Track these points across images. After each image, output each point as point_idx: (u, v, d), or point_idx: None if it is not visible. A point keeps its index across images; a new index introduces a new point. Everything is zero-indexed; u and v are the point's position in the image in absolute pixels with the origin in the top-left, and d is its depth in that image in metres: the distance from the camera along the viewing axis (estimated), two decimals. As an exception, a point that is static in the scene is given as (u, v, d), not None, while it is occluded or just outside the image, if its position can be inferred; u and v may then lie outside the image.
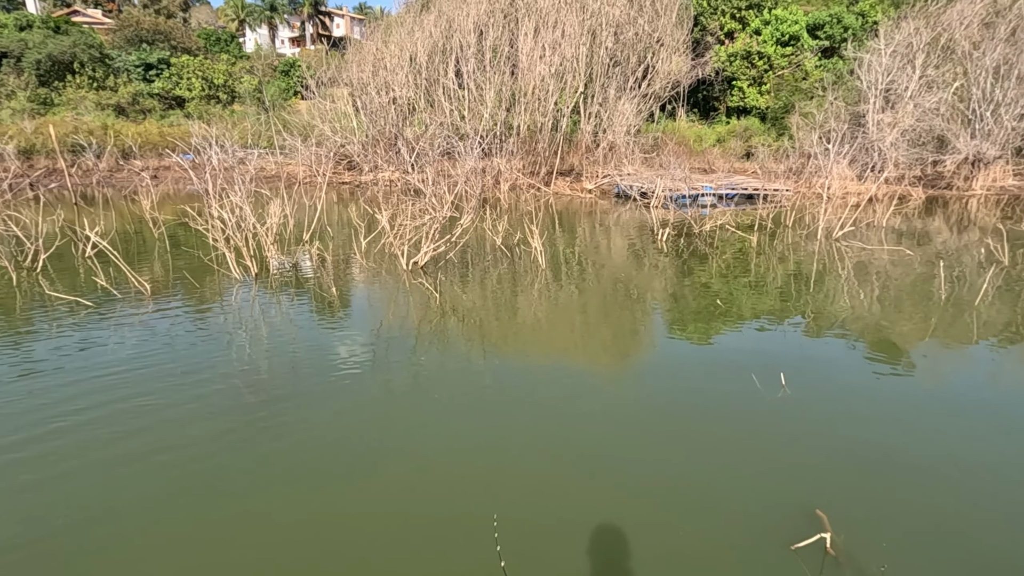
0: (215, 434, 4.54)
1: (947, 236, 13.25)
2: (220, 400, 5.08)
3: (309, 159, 21.20)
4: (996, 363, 6.15)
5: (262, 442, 4.44)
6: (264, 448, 4.36)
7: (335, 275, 9.46)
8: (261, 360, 6.06)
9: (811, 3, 35.37)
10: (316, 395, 5.23)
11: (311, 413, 4.89)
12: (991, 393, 5.39)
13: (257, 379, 5.56)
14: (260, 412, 4.89)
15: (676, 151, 24.04)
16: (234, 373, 5.68)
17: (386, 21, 27.03)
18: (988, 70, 20.38)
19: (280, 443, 4.43)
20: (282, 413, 4.88)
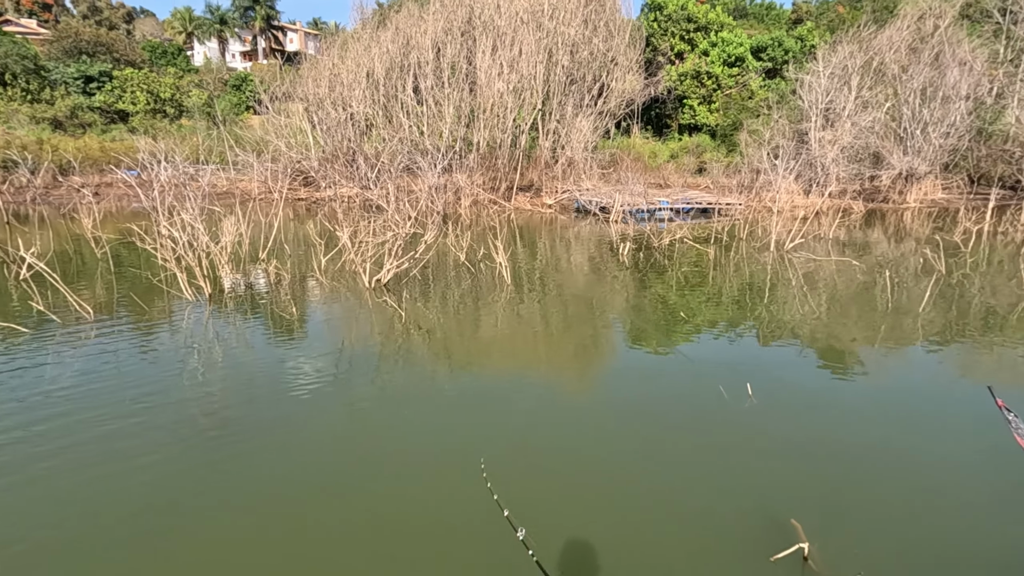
0: (168, 463, 4.27)
1: (887, 247, 14.01)
2: (173, 428, 4.80)
3: (264, 175, 20.65)
4: (942, 364, 6.48)
5: (219, 469, 4.21)
6: (221, 475, 4.13)
7: (293, 294, 9.17)
8: (216, 384, 5.77)
9: (754, 27, 37.22)
10: (276, 418, 5.01)
11: (271, 437, 4.68)
12: (941, 393, 5.66)
13: (213, 404, 5.28)
14: (217, 438, 4.65)
15: (632, 167, 24.64)
16: (188, 398, 5.38)
17: (342, 37, 26.80)
18: (916, 91, 21.85)
19: (238, 469, 4.20)
20: (240, 438, 4.65)
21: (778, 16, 39.68)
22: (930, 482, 4.01)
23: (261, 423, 4.94)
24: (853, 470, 4.17)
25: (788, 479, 4.07)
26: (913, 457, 4.37)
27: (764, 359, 6.62)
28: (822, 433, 4.75)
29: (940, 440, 4.63)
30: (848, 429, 4.83)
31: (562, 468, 4.27)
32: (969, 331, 7.48)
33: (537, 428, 4.90)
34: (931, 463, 4.27)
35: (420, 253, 9.53)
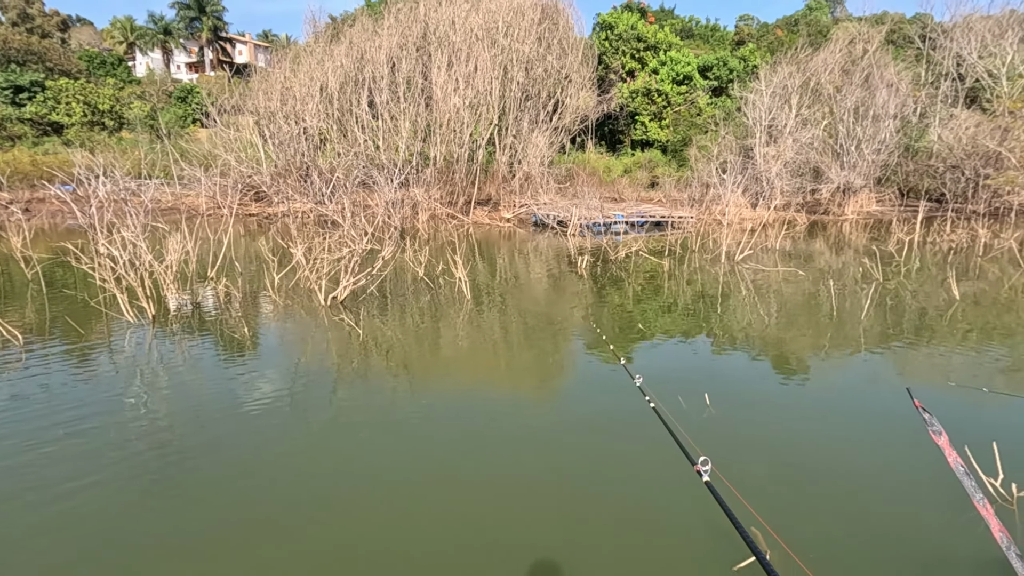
0: (102, 496, 3.99)
1: (829, 257, 14.72)
2: (110, 457, 4.50)
3: (213, 190, 19.94)
4: (881, 367, 6.80)
5: (159, 501, 3.96)
6: (162, 508, 3.89)
7: (245, 313, 8.83)
8: (160, 410, 5.46)
9: (700, 47, 38.82)
10: (224, 445, 4.77)
11: (218, 466, 4.44)
12: (881, 395, 5.93)
13: (155, 431, 4.99)
14: (158, 468, 4.38)
15: (588, 181, 25.12)
16: (128, 425, 5.07)
17: (294, 50, 26.36)
18: (849, 110, 23.23)
19: (181, 502, 3.96)
20: (184, 468, 4.39)
21: (722, 37, 41.53)
22: (884, 489, 4.17)
23: (208, 450, 4.69)
24: (806, 476, 4.31)
25: (747, 487, 4.16)
26: (858, 459, 4.55)
27: (720, 368, 6.80)
28: (776, 440, 4.89)
29: (883, 441, 4.84)
30: (800, 435, 5.00)
31: (525, 484, 4.23)
32: (904, 336, 7.91)
33: (499, 445, 4.85)
34: (874, 464, 4.46)
35: (377, 269, 9.37)
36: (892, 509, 3.88)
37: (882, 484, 4.20)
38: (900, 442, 4.80)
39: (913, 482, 4.20)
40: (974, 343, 7.57)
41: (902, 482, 4.22)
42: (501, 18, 24.03)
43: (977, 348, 7.38)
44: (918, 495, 4.03)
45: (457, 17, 24.18)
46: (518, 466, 4.50)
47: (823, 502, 3.96)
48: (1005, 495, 3.69)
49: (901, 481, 4.23)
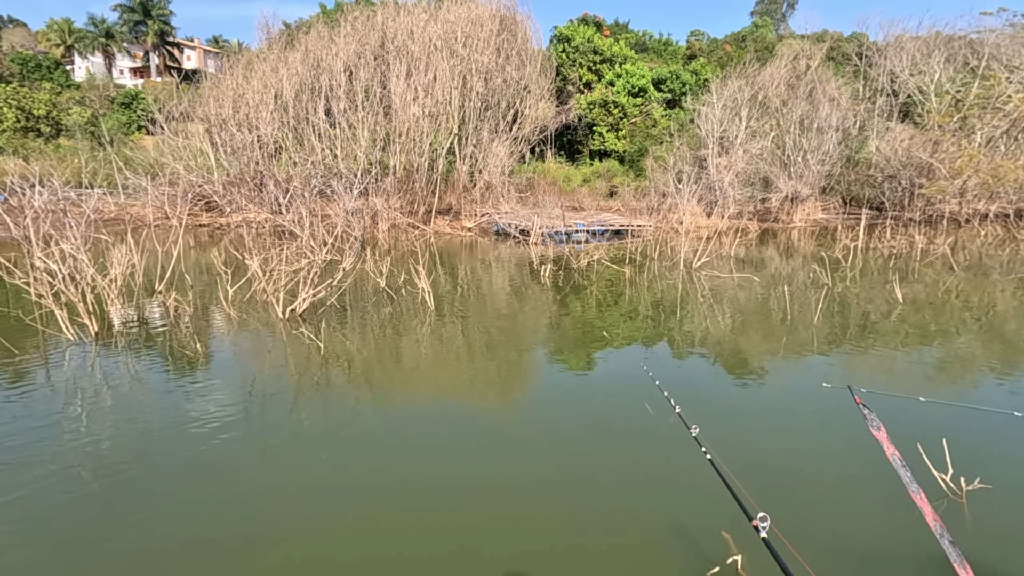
0: (42, 530, 3.70)
1: (781, 263, 15.29)
2: (53, 492, 4.18)
3: (160, 200, 19.10)
4: (832, 368, 7.07)
5: (113, 537, 3.70)
6: (107, 541, 3.63)
7: (196, 328, 8.44)
8: (104, 433, 5.13)
9: (654, 61, 39.94)
10: (175, 470, 4.51)
11: (169, 493, 4.19)
12: (832, 395, 6.15)
13: (99, 457, 4.68)
14: (103, 498, 4.10)
15: (548, 190, 25.35)
16: (68, 451, 4.74)
17: (247, 56, 25.67)
18: (795, 123, 24.30)
19: (128, 534, 3.72)
20: (131, 496, 4.13)
21: (675, 52, 42.83)
22: (852, 488, 4.30)
23: (157, 476, 4.43)
24: (770, 476, 4.41)
25: (715, 491, 4.22)
26: (830, 461, 4.68)
27: (683, 373, 6.92)
28: (741, 441, 4.99)
29: (850, 445, 5.01)
30: (761, 437, 5.12)
31: (494, 496, 4.17)
32: (853, 337, 8.26)
33: (466, 457, 4.77)
34: (819, 458, 4.61)
35: (338, 281, 9.14)
36: (834, 500, 4.01)
37: (825, 477, 4.35)
38: (846, 438, 4.96)
39: (856, 475, 4.35)
40: (916, 343, 7.98)
41: (845, 475, 4.38)
42: (460, 28, 24.09)
43: (918, 348, 7.78)
44: (860, 487, 4.19)
45: (415, 27, 24.10)
46: (486, 478, 4.44)
47: (770, 494, 4.06)
48: (955, 489, 3.86)
49: (844, 474, 4.39)
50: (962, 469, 3.92)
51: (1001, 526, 3.64)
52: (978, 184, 22.07)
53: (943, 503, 3.76)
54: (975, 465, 4.04)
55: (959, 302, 10.57)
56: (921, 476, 3.92)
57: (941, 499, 3.80)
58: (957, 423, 5.22)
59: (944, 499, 3.81)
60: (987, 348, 7.80)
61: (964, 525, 3.58)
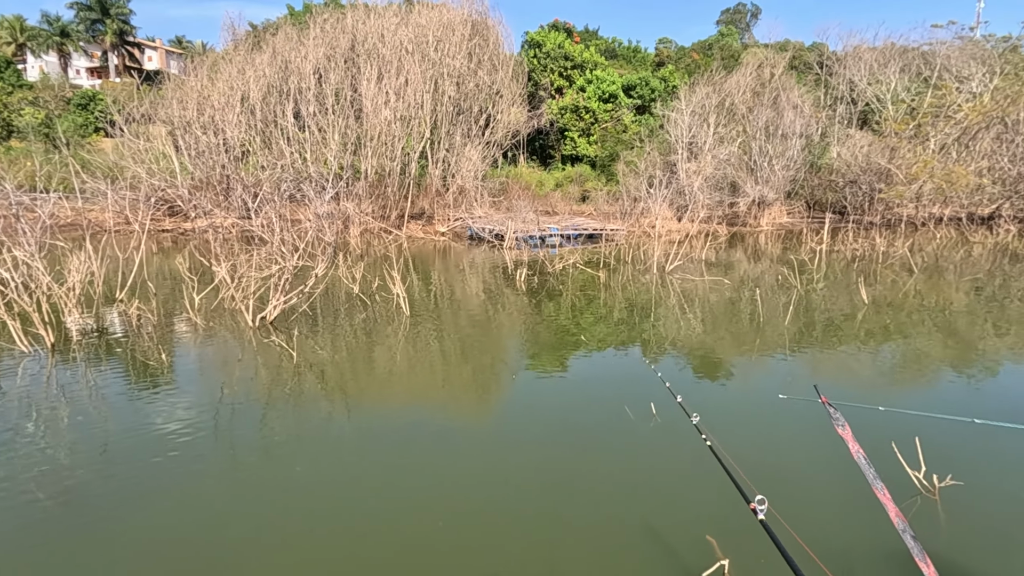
0: (4, 561, 3.47)
1: (750, 266, 15.61)
2: (4, 513, 3.94)
3: (121, 204, 18.40)
4: (800, 368, 7.23)
5: (69, 561, 3.50)
6: (71, 569, 3.43)
7: (161, 338, 8.13)
8: (61, 451, 4.87)
9: (623, 67, 40.49)
10: (139, 489, 4.30)
11: (132, 513, 3.99)
12: (807, 394, 6.28)
13: (60, 479, 4.43)
14: (61, 519, 3.88)
15: (521, 195, 25.39)
16: (22, 471, 4.48)
17: (212, 57, 25.02)
18: (761, 129, 24.93)
19: (92, 559, 3.52)
20: (92, 518, 3.91)
21: (643, 59, 43.49)
22: (783, 472, 4.37)
23: (118, 495, 4.21)
24: (749, 477, 4.45)
25: (698, 494, 4.25)
26: (806, 464, 4.76)
27: (662, 376, 6.96)
28: (721, 444, 5.03)
29: (820, 445, 5.10)
30: (741, 439, 5.17)
31: (474, 504, 4.10)
32: (822, 338, 8.47)
33: (445, 466, 4.68)
34: (799, 459, 4.68)
35: (310, 287, 8.94)
36: (802, 496, 4.09)
37: (793, 474, 4.43)
38: (815, 436, 5.06)
39: (823, 472, 4.44)
40: (880, 343, 8.22)
41: (813, 472, 4.46)
42: (431, 33, 23.98)
43: (882, 348, 8.02)
44: (826, 484, 4.28)
45: (386, 30, 23.90)
46: (466, 486, 4.36)
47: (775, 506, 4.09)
48: (928, 486, 3.96)
49: (812, 471, 4.48)
50: (934, 466, 4.03)
51: (972, 521, 3.75)
52: (933, 189, 23.00)
53: (917, 500, 3.86)
54: (946, 462, 4.16)
55: (918, 303, 10.95)
56: (896, 474, 4.01)
57: (915, 496, 3.89)
58: (927, 419, 5.36)
59: (918, 496, 3.90)
60: (946, 348, 8.09)
61: (937, 521, 3.67)
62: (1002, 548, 3.49)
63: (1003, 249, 18.57)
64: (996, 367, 7.17)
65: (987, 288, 12.31)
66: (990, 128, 23.88)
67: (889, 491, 3.90)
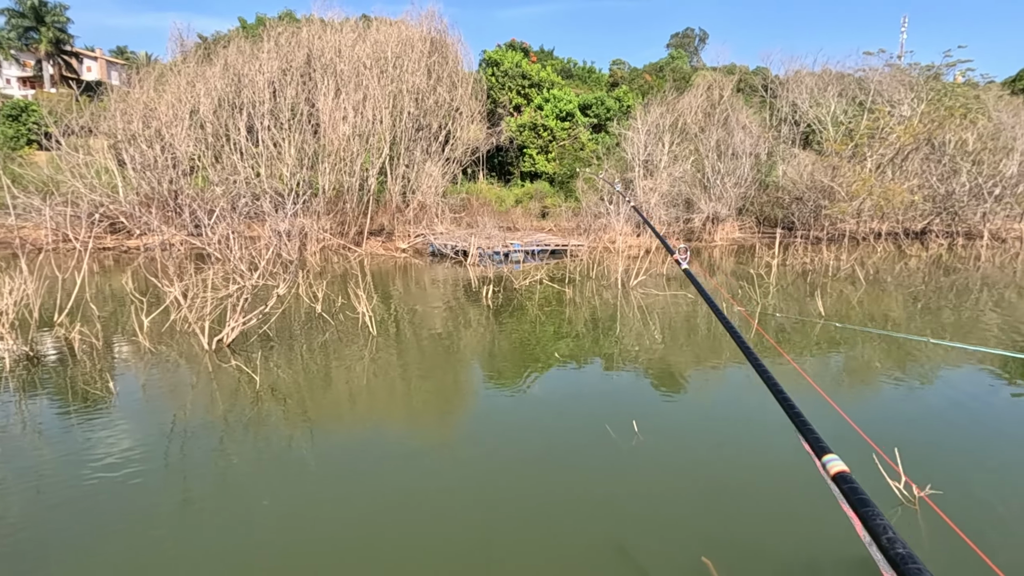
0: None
1: (705, 280, 16.01)
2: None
3: (57, 221, 17.27)
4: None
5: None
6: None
7: (106, 365, 7.57)
8: (-4, 494, 4.41)
9: (579, 87, 41.39)
10: (77, 531, 3.92)
11: (74, 561, 3.61)
12: (773, 407, 6.41)
13: (-7, 523, 4.00)
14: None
15: (481, 211, 25.36)
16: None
17: (159, 69, 24.06)
18: (712, 148, 25.87)
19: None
20: (22, 567, 3.52)
21: (598, 79, 44.60)
22: (751, 485, 4.42)
23: (57, 541, 3.81)
24: (735, 495, 4.46)
25: (688, 514, 4.21)
26: (754, 464, 4.80)
27: (640, 392, 6.96)
28: (706, 459, 5.04)
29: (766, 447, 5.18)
30: (725, 454, 5.20)
31: (450, 530, 3.92)
32: (787, 348, 8.71)
33: (416, 490, 4.48)
34: (754, 468, 4.74)
35: (271, 306, 8.54)
36: (768, 505, 4.13)
37: (760, 486, 4.48)
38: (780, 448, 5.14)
39: (789, 483, 4.52)
40: (841, 349, 8.53)
41: (779, 484, 4.53)
42: (390, 49, 23.86)
43: (842, 354, 8.32)
44: (793, 495, 4.34)
45: (343, 45, 23.61)
46: (436, 510, 4.18)
47: (752, 523, 4.10)
48: (908, 496, 4.05)
49: (778, 483, 4.54)
50: (913, 476, 4.12)
51: (952, 529, 3.84)
52: (872, 206, 24.36)
53: (898, 511, 3.94)
54: (926, 472, 4.28)
55: (867, 312, 11.46)
56: (877, 486, 4.09)
57: (896, 507, 3.97)
58: (907, 432, 5.53)
59: (899, 507, 3.99)
60: (888, 355, 8.47)
61: (918, 531, 3.75)
62: (980, 557, 3.58)
63: (936, 261, 19.80)
64: (941, 359, 7.55)
65: (923, 298, 13.04)
66: (919, 149, 25.57)
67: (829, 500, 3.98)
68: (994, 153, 24.97)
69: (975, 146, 25.09)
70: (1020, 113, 27.73)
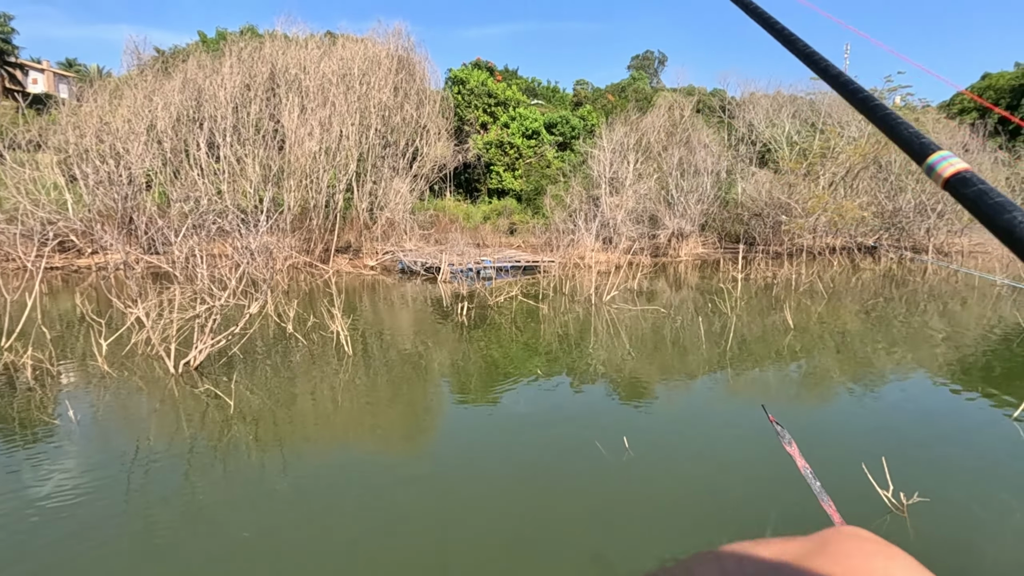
0: None
1: (677, 294, 16.34)
2: None
3: (0, 239, 16.29)
4: (745, 387, 7.53)
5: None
6: None
7: (61, 391, 7.11)
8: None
9: (544, 106, 42.09)
10: (27, 570, 3.63)
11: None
12: (758, 416, 6.52)
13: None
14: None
15: (449, 227, 25.29)
16: None
17: (113, 82, 23.22)
18: (675, 166, 26.60)
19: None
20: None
21: (562, 98, 45.46)
22: (735, 489, 4.48)
23: None
24: (704, 491, 4.48)
25: (678, 531, 4.20)
26: (739, 472, 4.86)
27: (625, 408, 6.97)
28: (699, 473, 5.05)
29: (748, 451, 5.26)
30: (723, 465, 5.23)
31: (435, 556, 3.80)
32: (757, 359, 8.91)
33: (402, 517, 4.34)
34: (737, 472, 4.81)
35: (242, 326, 8.22)
36: (756, 512, 4.19)
37: (746, 492, 4.55)
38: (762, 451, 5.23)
39: (769, 487, 4.60)
40: (820, 364, 8.79)
41: (760, 486, 4.61)
42: (356, 66, 23.73)
43: (812, 364, 8.57)
44: (772, 498, 4.42)
45: (309, 61, 23.36)
46: (420, 530, 4.05)
47: (705, 507, 4.12)
48: (897, 504, 4.15)
49: (759, 486, 4.62)
50: (900, 485, 4.23)
51: (940, 536, 3.96)
52: (827, 221, 25.45)
53: (887, 519, 4.03)
54: (913, 480, 4.40)
55: (831, 325, 11.88)
56: (866, 494, 4.18)
57: (885, 515, 4.06)
58: (894, 440, 5.67)
59: (888, 515, 4.08)
60: (850, 365, 8.79)
61: (907, 538, 3.84)
62: (968, 560, 3.70)
63: (886, 274, 20.77)
64: (903, 370, 7.87)
65: (876, 311, 13.62)
66: (867, 168, 26.95)
67: (860, 510, 4.07)
68: (934, 172, 26.51)
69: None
70: (955, 135, 29.63)
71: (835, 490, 4.14)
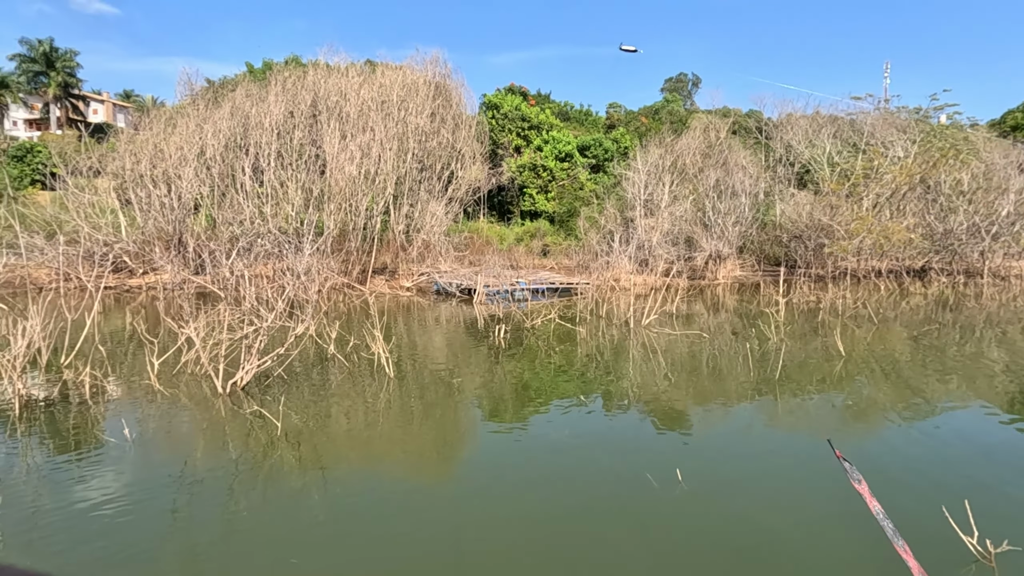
0: None
1: (716, 317, 15.95)
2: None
3: (64, 260, 17.13)
4: (804, 418, 7.20)
5: None
6: None
7: (115, 408, 7.33)
8: None
9: (576, 128, 42.36)
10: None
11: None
12: (809, 445, 6.20)
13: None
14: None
15: (484, 249, 25.46)
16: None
17: (167, 112, 24.46)
18: (711, 188, 26.25)
19: None
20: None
21: (595, 121, 45.72)
22: (796, 527, 4.22)
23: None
24: (789, 553, 4.24)
25: (741, 561, 3.99)
26: (802, 510, 4.60)
27: (672, 437, 6.76)
28: (756, 513, 4.82)
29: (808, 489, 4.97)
30: (783, 502, 4.99)
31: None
32: (807, 386, 8.55)
33: (449, 550, 4.24)
34: (797, 508, 4.53)
35: (287, 347, 8.36)
36: (816, 553, 3.93)
37: (806, 529, 4.29)
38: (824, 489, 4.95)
39: (836, 527, 4.33)
40: (875, 394, 8.37)
41: (826, 527, 4.33)
42: (395, 92, 24.40)
43: (873, 394, 8.16)
44: (840, 539, 4.15)
45: (349, 89, 24.14)
46: (465, 566, 3.95)
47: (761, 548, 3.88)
48: (983, 552, 3.84)
49: (825, 526, 4.35)
50: (987, 532, 3.91)
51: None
52: (872, 244, 24.60)
53: (972, 568, 3.73)
54: (1002, 527, 4.05)
55: (880, 350, 11.36)
56: (946, 539, 3.89)
57: (970, 565, 3.76)
58: (977, 484, 5.25)
59: (973, 564, 3.77)
60: (904, 394, 8.33)
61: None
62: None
63: (938, 299, 19.84)
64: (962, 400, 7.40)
65: (927, 338, 12.97)
66: (914, 189, 26.05)
67: (941, 558, 3.79)
68: (988, 193, 25.44)
69: (970, 185, 25.60)
70: (1010, 154, 28.44)
71: (908, 533, 3.88)
